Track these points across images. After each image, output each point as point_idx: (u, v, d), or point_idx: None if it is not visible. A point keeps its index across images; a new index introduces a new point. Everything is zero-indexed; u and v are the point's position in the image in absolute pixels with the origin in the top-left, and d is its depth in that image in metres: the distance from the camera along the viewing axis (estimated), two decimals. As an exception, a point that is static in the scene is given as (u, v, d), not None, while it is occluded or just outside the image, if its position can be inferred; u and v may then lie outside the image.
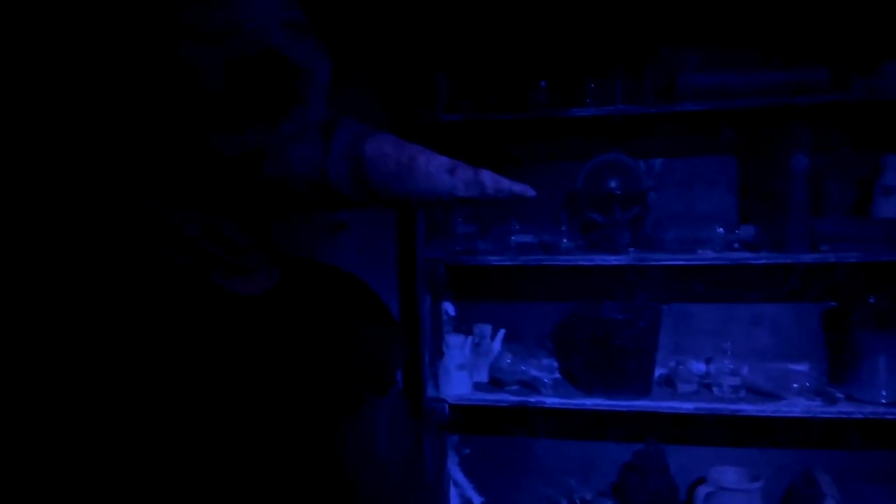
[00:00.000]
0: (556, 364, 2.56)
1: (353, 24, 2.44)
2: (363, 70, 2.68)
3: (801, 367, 2.40)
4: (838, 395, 2.27)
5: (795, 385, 2.31)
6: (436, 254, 2.52)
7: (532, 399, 2.39)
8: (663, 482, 2.43)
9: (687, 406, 2.30)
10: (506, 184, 0.66)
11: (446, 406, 2.45)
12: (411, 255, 2.55)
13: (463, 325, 2.66)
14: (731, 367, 2.37)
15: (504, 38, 2.56)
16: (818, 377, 2.35)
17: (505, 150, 2.62)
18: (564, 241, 2.44)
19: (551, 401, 2.38)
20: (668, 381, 2.43)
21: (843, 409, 2.22)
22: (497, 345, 2.57)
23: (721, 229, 2.33)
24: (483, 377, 2.54)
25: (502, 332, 2.58)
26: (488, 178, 0.66)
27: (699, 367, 2.47)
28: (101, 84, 0.63)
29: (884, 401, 2.20)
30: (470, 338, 2.55)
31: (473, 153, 2.63)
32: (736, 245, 2.33)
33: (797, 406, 2.25)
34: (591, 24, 2.46)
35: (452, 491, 2.67)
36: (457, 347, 2.49)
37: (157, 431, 0.58)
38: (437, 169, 0.65)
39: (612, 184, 2.42)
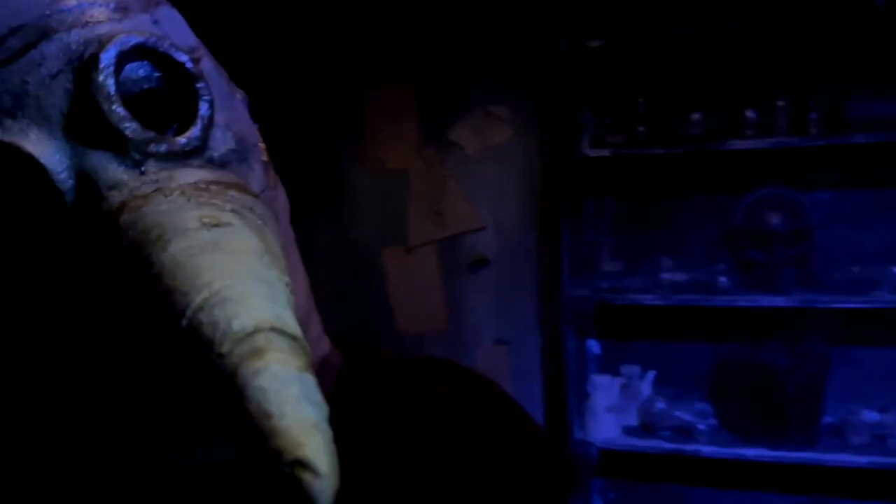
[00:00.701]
0: (710, 409, 2.42)
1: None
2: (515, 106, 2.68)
3: None
4: None
5: None
6: (581, 291, 2.46)
7: (688, 448, 2.28)
8: (832, 540, 2.26)
9: (860, 460, 2.14)
10: None
11: (595, 450, 2.38)
12: (556, 292, 2.50)
13: (608, 365, 2.57)
14: (910, 418, 2.18)
15: (652, 70, 2.49)
16: None
17: (655, 185, 2.53)
18: (722, 280, 2.32)
19: (708, 450, 2.26)
20: (837, 432, 2.26)
21: None
22: (646, 387, 2.47)
23: (898, 269, 2.16)
24: (632, 420, 2.44)
25: (652, 373, 2.47)
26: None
27: (872, 416, 2.28)
28: None
29: None
30: (618, 379, 2.46)
31: (622, 189, 2.55)
32: (916, 287, 2.15)
33: None
34: (747, 54, 2.35)
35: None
36: (604, 388, 2.41)
37: None
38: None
39: (774, 220, 2.29)
